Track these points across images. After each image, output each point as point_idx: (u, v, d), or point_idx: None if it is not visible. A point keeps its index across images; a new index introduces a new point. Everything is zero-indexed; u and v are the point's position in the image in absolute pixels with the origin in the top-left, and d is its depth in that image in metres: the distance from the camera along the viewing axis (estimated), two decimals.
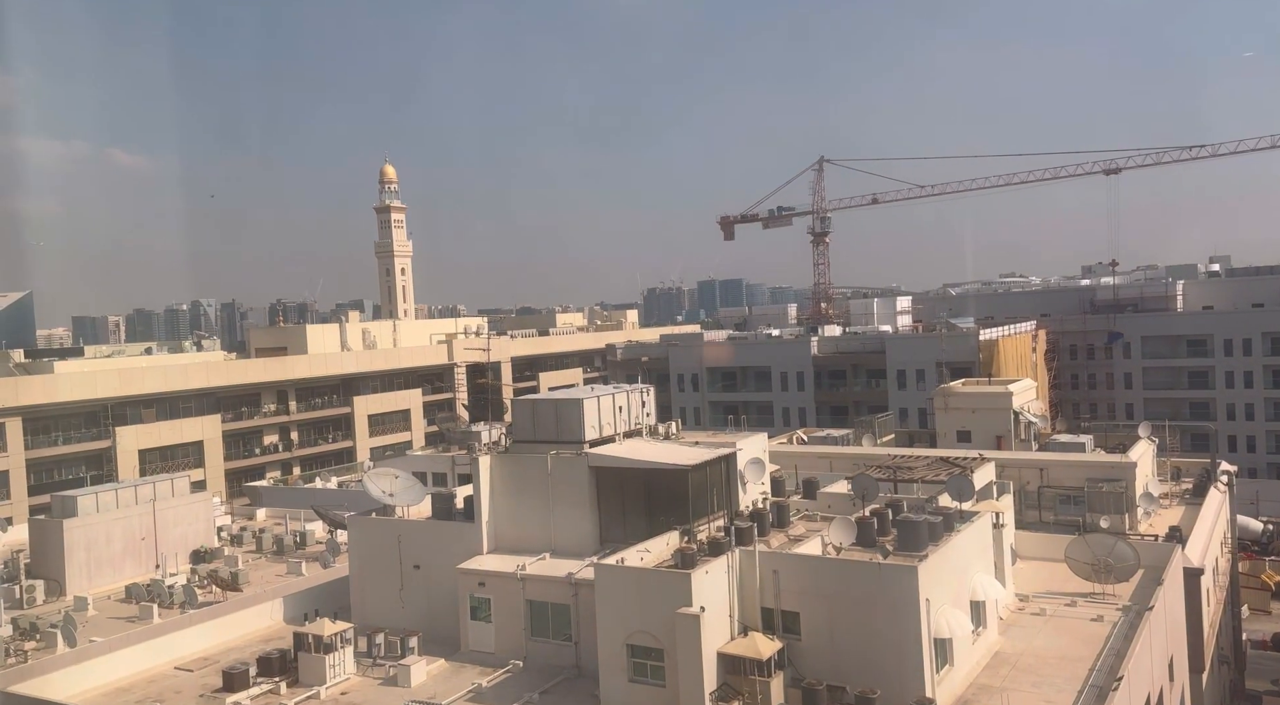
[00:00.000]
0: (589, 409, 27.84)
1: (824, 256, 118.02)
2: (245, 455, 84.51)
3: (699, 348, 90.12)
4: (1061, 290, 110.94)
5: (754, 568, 22.35)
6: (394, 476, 30.68)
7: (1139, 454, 38.88)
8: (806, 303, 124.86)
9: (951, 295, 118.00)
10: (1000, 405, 45.54)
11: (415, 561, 28.29)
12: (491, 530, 27.73)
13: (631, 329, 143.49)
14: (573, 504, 27.02)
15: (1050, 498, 37.43)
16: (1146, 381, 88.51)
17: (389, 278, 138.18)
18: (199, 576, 37.31)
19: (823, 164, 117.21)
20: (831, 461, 40.23)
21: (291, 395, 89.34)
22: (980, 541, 25.31)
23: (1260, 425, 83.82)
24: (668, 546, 23.93)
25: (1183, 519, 37.86)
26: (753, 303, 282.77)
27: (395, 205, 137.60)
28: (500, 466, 28.04)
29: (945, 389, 49.65)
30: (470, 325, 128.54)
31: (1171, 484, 43.50)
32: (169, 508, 41.04)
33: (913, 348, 79.95)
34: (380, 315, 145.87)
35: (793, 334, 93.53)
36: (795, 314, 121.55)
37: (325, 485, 61.88)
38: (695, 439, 30.40)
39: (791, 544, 24.66)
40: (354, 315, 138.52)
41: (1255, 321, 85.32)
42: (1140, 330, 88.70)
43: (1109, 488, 36.57)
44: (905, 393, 77.46)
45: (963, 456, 34.90)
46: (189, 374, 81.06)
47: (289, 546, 42.59)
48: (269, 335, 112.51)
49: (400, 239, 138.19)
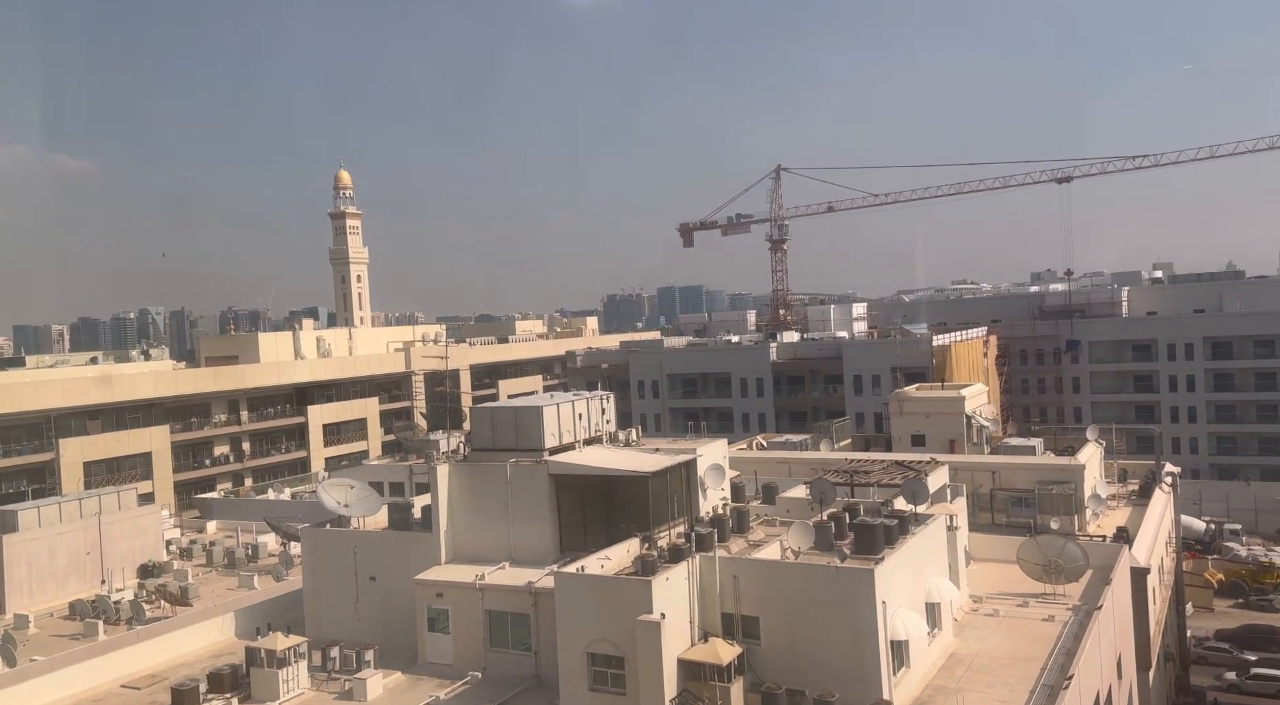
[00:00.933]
0: (549, 416, 27.72)
1: (782, 263, 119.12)
2: (195, 467, 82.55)
3: (659, 354, 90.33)
4: (1011, 296, 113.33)
5: (714, 573, 22.42)
6: (349, 487, 30.24)
7: (1087, 456, 39.79)
8: (765, 309, 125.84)
9: (905, 302, 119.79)
10: (953, 409, 46.30)
11: (371, 573, 27.90)
12: (449, 540, 27.45)
13: (591, 336, 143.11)
14: (532, 512, 26.87)
15: (1002, 500, 38.11)
16: (1094, 385, 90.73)
17: (344, 285, 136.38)
18: (147, 591, 36.39)
19: (780, 172, 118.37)
20: (790, 466, 40.55)
21: (243, 405, 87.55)
22: (935, 544, 25.69)
23: (1202, 427, 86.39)
24: (628, 553, 23.91)
25: (1129, 520, 38.83)
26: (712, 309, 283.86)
27: (351, 211, 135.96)
28: (459, 475, 27.78)
29: (900, 394, 50.37)
30: (428, 333, 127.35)
31: (1119, 485, 44.60)
32: (115, 521, 39.98)
33: (868, 353, 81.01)
34: (336, 323, 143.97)
35: (752, 340, 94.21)
36: (754, 320, 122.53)
37: (278, 497, 60.71)
38: (656, 445, 30.44)
39: (751, 549, 24.80)
40: (308, 323, 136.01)
41: (1197, 326, 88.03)
42: (1088, 335, 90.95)
43: (1059, 490, 37.35)
44: (862, 398, 78.44)
45: (917, 460, 35.42)
46: (136, 384, 79.05)
47: (241, 559, 41.75)
48: (220, 344, 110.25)
49: (356, 245, 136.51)
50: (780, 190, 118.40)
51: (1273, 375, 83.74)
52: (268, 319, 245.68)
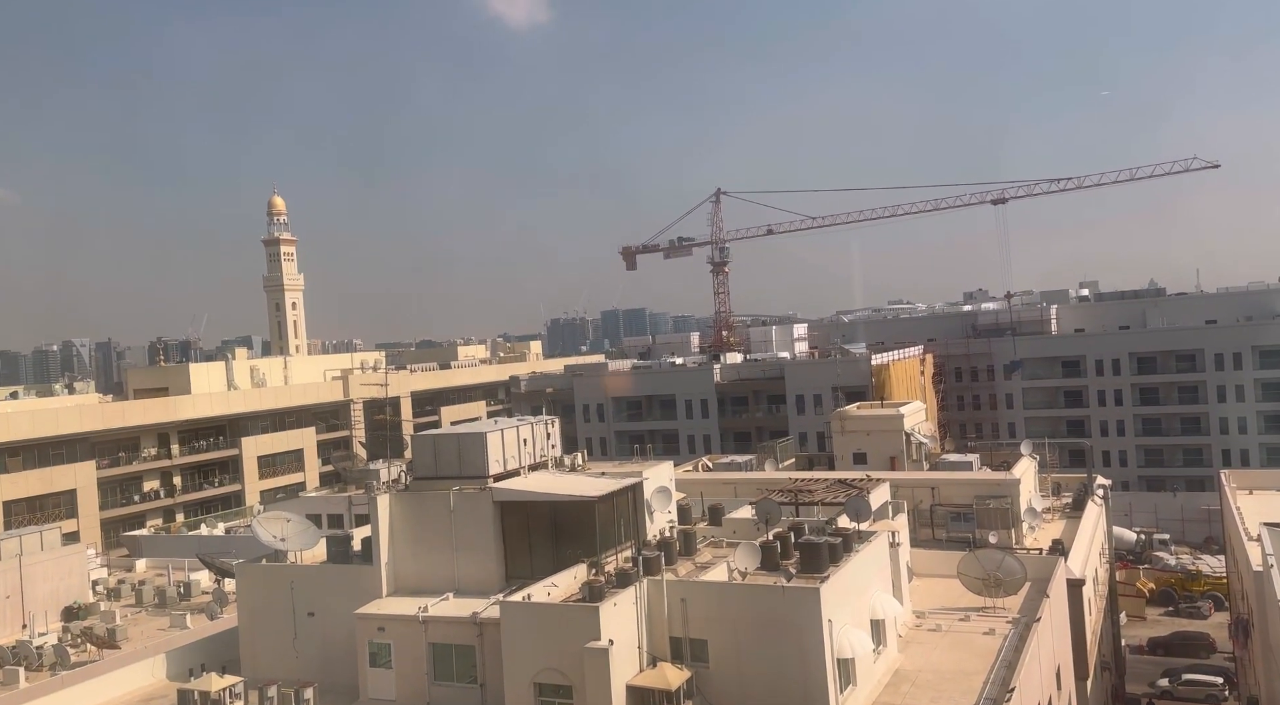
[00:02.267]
0: (492, 443, 27.42)
1: (724, 286, 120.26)
2: (124, 503, 79.49)
3: (604, 378, 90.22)
4: (946, 316, 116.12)
5: (662, 597, 22.32)
6: (285, 520, 29.44)
7: (1022, 471, 40.79)
8: (708, 331, 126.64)
9: (844, 322, 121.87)
10: (893, 427, 47.09)
11: (310, 608, 27.11)
12: (391, 572, 26.85)
13: (535, 360, 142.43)
14: (477, 541, 26.45)
15: (942, 515, 38.80)
16: (1026, 401, 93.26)
17: (279, 312, 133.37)
18: (72, 635, 34.80)
19: (720, 196, 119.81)
20: (736, 487, 40.72)
21: (174, 438, 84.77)
22: (878, 561, 26.00)
23: (1130, 440, 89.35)
24: (575, 580, 23.68)
25: (1064, 532, 39.83)
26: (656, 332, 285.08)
27: (285, 238, 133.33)
28: (400, 505, 27.25)
29: (841, 413, 51.09)
30: (367, 360, 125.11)
31: (1053, 499, 45.77)
32: (37, 562, 38.21)
33: (810, 373, 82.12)
34: (270, 352, 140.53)
35: (696, 362, 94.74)
36: (698, 342, 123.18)
37: (212, 532, 58.86)
38: (602, 469, 30.32)
39: (699, 571, 24.77)
40: (241, 352, 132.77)
41: (1123, 342, 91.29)
42: (1019, 353, 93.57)
43: (996, 504, 38.19)
44: (804, 417, 79.37)
45: (859, 478, 35.90)
46: (59, 419, 75.99)
47: (172, 598, 40.24)
48: (148, 375, 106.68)
49: (291, 272, 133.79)
50: (720, 214, 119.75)
51: (1194, 389, 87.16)
52: (199, 349, 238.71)
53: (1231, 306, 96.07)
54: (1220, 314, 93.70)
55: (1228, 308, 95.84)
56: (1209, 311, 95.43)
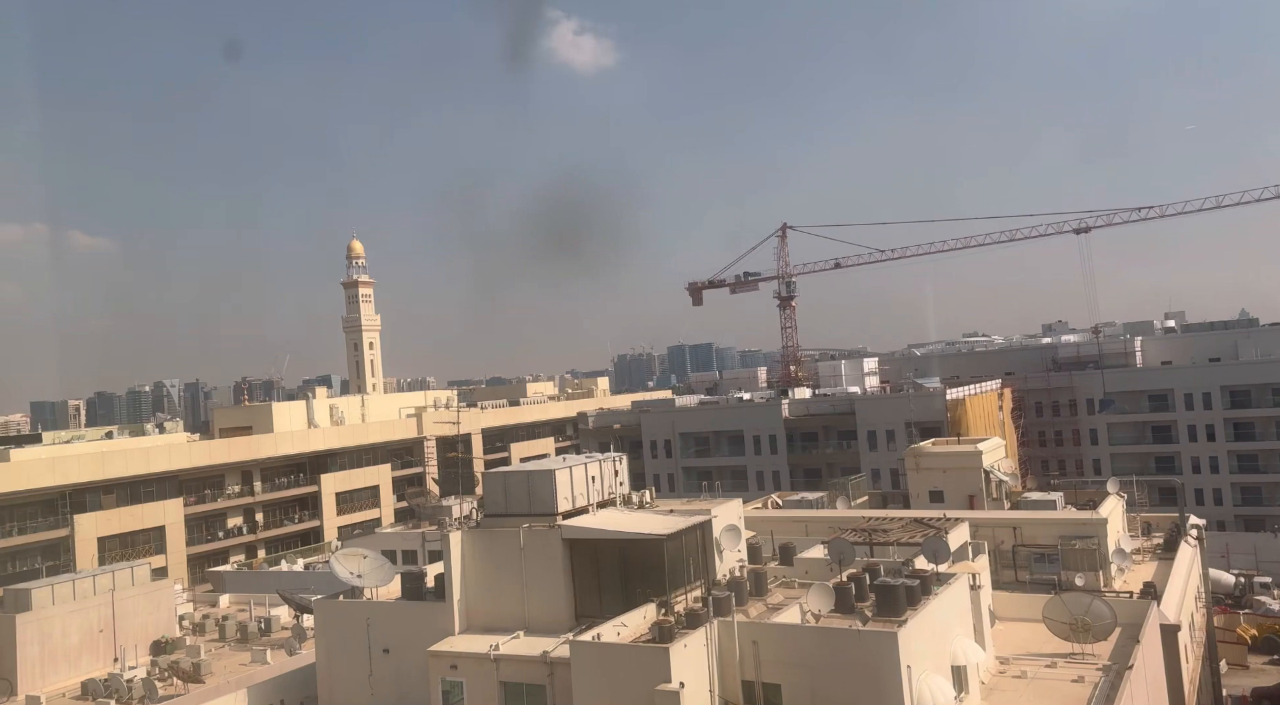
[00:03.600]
0: (561, 480, 27.59)
1: (791, 320, 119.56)
2: (209, 539, 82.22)
3: (671, 414, 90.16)
4: (1024, 348, 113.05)
5: (733, 639, 22.00)
6: (362, 556, 29.97)
7: (1109, 510, 39.16)
8: (776, 366, 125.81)
9: (917, 356, 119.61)
10: (971, 464, 45.80)
11: (385, 645, 27.47)
12: (463, 609, 27.08)
13: (603, 397, 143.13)
14: (547, 579, 26.54)
15: (1025, 556, 37.43)
16: (1111, 437, 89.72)
17: (357, 352, 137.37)
18: (160, 669, 35.92)
19: (786, 230, 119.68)
20: (807, 525, 40.03)
21: (257, 475, 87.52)
22: (959, 604, 25.18)
23: (1225, 478, 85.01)
24: (645, 620, 23.52)
25: (1156, 574, 37.97)
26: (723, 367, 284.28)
27: (363, 280, 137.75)
28: (471, 542, 27.55)
29: (916, 449, 49.93)
30: (440, 398, 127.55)
31: (1142, 539, 43.74)
32: (128, 597, 39.68)
33: (882, 408, 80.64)
34: (349, 390, 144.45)
35: (764, 397, 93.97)
36: (765, 377, 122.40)
37: (291, 568, 60.25)
38: (670, 507, 30.17)
39: (770, 613, 24.35)
40: (321, 391, 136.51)
41: (1213, 376, 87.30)
42: (1103, 387, 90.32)
43: (1082, 544, 36.69)
44: (876, 454, 77.82)
45: (936, 517, 34.93)
46: (150, 457, 79.24)
47: (253, 633, 41.25)
48: (234, 415, 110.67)
49: (368, 313, 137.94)
50: (787, 248, 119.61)
51: None
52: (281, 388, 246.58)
53: None
54: None
55: None
56: None
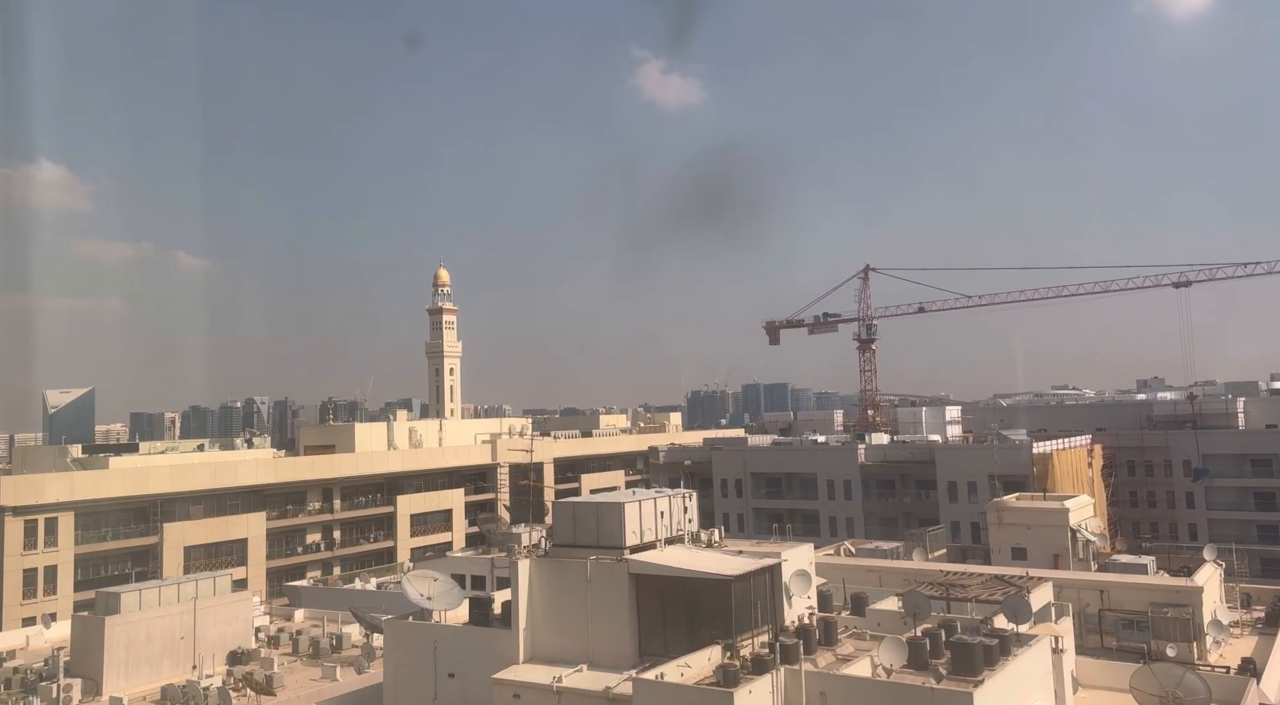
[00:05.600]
0: (630, 513, 27.54)
1: (870, 363, 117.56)
2: (288, 553, 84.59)
3: (743, 452, 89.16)
4: (1117, 404, 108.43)
5: (800, 688, 21.47)
6: (433, 579, 30.40)
7: (1205, 578, 37.02)
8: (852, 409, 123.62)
9: (1002, 406, 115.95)
10: (1057, 522, 44.04)
11: (450, 669, 27.70)
12: (529, 638, 27.15)
13: (675, 432, 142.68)
14: (612, 613, 26.43)
15: (1112, 622, 35.61)
16: (1210, 501, 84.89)
17: (438, 377, 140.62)
18: (235, 679, 36.91)
19: (868, 272, 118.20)
20: (881, 576, 38.96)
21: (336, 493, 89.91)
22: (1039, 667, 24.08)
23: None
24: (709, 662, 23.16)
25: (1255, 650, 35.64)
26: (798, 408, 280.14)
27: (447, 307, 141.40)
28: (539, 571, 27.67)
29: (998, 503, 48.26)
30: (514, 425, 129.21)
31: (1242, 612, 41.14)
32: (209, 606, 41.02)
33: (963, 458, 78.16)
34: (428, 414, 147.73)
35: (839, 441, 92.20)
36: (841, 420, 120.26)
37: (364, 586, 61.43)
38: (739, 548, 29.78)
39: (839, 664, 23.70)
40: (402, 414, 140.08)
41: None
42: (1202, 448, 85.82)
43: (1174, 613, 34.73)
44: (956, 505, 75.30)
45: (1019, 575, 33.58)
46: (238, 471, 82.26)
47: (325, 649, 42.10)
48: (318, 433, 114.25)
49: (451, 340, 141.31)
50: (868, 290, 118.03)
51: None
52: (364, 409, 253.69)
53: None
54: None
55: None
56: None
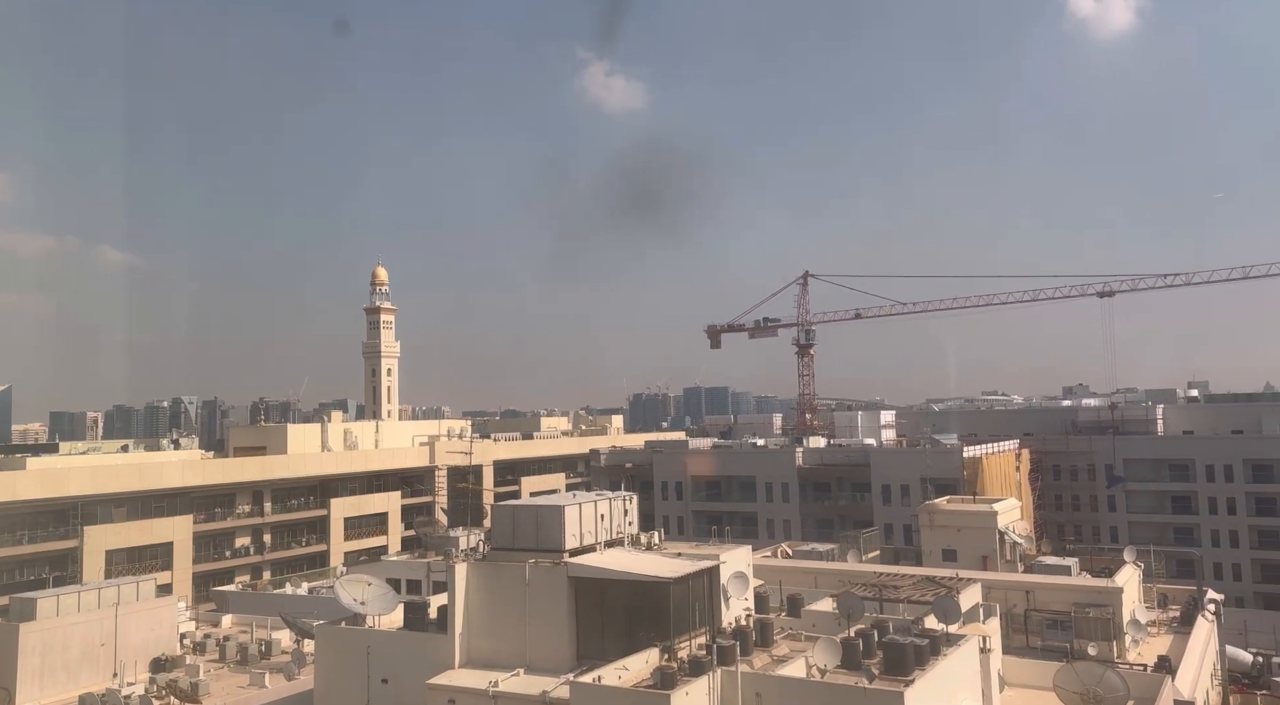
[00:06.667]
0: (570, 516, 27.47)
1: (809, 368, 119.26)
2: (216, 558, 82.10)
3: (683, 456, 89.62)
4: (1044, 410, 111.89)
5: (735, 689, 21.65)
6: (366, 583, 29.90)
7: (1125, 579, 38.44)
8: (791, 413, 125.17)
9: (934, 411, 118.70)
10: (986, 524, 45.23)
11: (384, 674, 27.25)
12: (464, 643, 26.86)
13: (616, 435, 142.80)
14: (550, 616, 26.31)
15: (1037, 622, 36.71)
16: (1130, 505, 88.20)
17: (375, 378, 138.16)
18: (158, 686, 35.72)
19: (807, 278, 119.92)
20: (816, 577, 39.52)
21: (267, 496, 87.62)
22: (968, 667, 24.70)
23: (1245, 553, 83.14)
24: (647, 664, 23.22)
25: (1171, 648, 37.12)
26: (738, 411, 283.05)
27: (385, 307, 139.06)
28: (476, 574, 27.39)
29: (930, 506, 49.38)
30: (454, 427, 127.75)
31: (1158, 611, 42.80)
32: (131, 612, 39.60)
33: (898, 462, 79.82)
34: (364, 415, 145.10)
35: (778, 444, 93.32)
36: (780, 424, 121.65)
37: (296, 591, 60.01)
38: (678, 550, 29.91)
39: (775, 665, 23.97)
40: (336, 415, 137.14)
41: (1236, 448, 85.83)
42: (1123, 453, 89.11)
43: (1096, 613, 35.97)
44: (890, 508, 76.86)
45: (949, 576, 34.42)
46: (164, 472, 79.61)
47: (254, 655, 40.98)
48: (249, 434, 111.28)
49: (388, 340, 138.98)
50: (808, 296, 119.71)
51: None
52: (298, 410, 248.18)
53: None
54: None
55: None
56: None
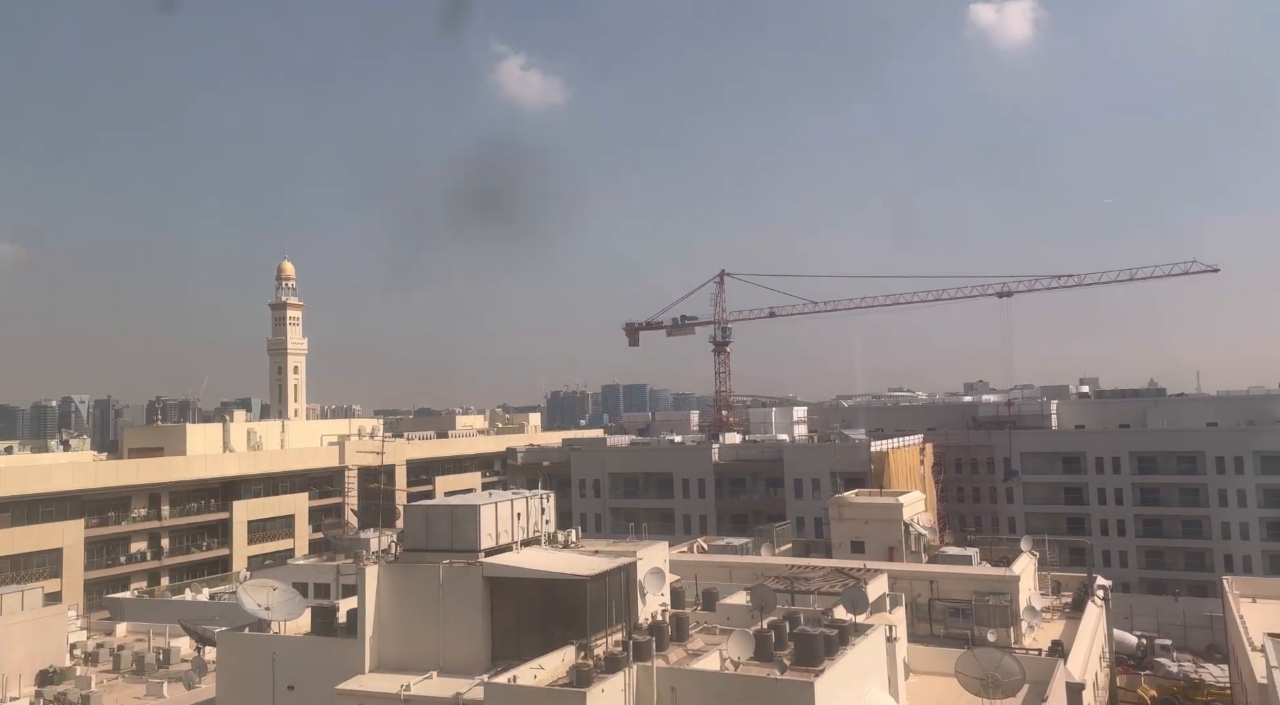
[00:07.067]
0: (485, 516, 27.14)
1: (725, 365, 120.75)
2: (109, 564, 78.15)
3: (601, 453, 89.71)
4: (946, 406, 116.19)
5: (651, 685, 21.78)
6: (271, 588, 28.92)
7: (1021, 568, 40.19)
8: (708, 410, 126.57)
9: (844, 407, 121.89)
10: (891, 516, 46.62)
11: (290, 681, 26.40)
12: (375, 646, 26.25)
13: (534, 432, 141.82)
14: (464, 617, 25.95)
15: (940, 610, 38.06)
16: (1026, 496, 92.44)
17: (280, 376, 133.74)
18: (45, 700, 33.86)
19: (724, 277, 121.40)
20: (731, 571, 40.09)
21: (165, 499, 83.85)
22: (875, 656, 25.43)
23: (1131, 541, 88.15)
24: (563, 662, 23.14)
25: (1063, 633, 39.02)
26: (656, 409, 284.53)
27: (292, 302, 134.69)
28: (388, 577, 26.82)
29: (839, 499, 50.63)
30: (365, 426, 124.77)
31: (1052, 598, 44.94)
32: (15, 622, 37.36)
33: (809, 457, 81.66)
34: (270, 415, 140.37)
35: (695, 441, 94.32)
36: (697, 421, 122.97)
37: (196, 597, 57.75)
38: (595, 547, 29.91)
39: (690, 658, 24.21)
40: (240, 415, 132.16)
41: (1123, 442, 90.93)
42: (1019, 447, 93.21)
43: (995, 601, 37.51)
44: (802, 502, 78.60)
45: (857, 568, 35.39)
46: (52, 475, 75.40)
47: (150, 665, 39.23)
48: (145, 435, 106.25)
49: (295, 336, 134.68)
50: (724, 294, 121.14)
51: (1195, 491, 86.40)
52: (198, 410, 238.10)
53: (1232, 410, 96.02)
54: (1221, 417, 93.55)
55: (1228, 411, 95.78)
56: (1209, 414, 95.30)
